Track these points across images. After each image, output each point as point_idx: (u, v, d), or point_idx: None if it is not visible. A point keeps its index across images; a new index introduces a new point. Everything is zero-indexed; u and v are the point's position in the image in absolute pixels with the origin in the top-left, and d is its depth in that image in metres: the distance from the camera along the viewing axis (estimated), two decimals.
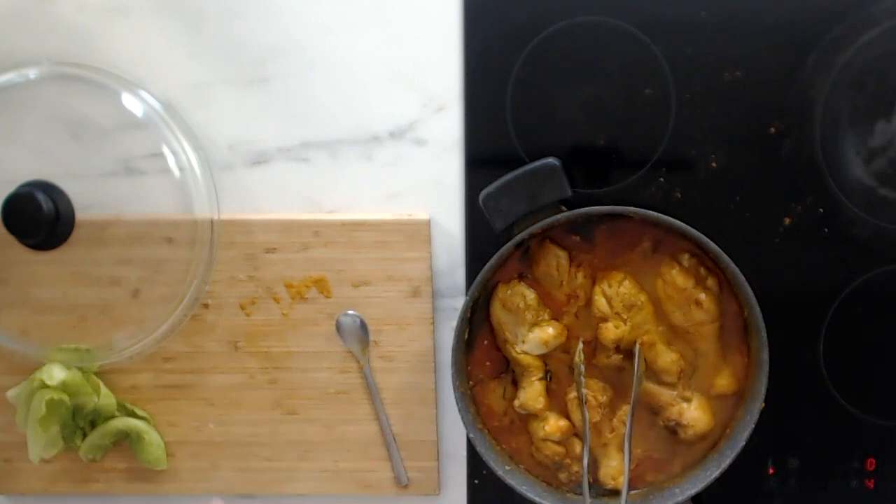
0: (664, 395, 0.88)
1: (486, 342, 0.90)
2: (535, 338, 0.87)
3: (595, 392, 0.88)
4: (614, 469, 0.89)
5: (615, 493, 0.89)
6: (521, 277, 0.88)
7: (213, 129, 0.91)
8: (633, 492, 0.89)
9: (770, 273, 0.89)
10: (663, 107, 0.88)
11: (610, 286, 0.86)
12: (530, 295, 0.87)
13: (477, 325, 0.89)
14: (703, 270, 0.86)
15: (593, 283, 0.87)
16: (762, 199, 0.89)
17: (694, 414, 0.87)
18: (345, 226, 0.91)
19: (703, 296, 0.85)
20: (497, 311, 0.88)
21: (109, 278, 0.89)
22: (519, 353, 0.87)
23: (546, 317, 0.87)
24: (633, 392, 0.86)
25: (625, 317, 0.86)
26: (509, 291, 0.87)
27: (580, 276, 0.87)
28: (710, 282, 0.86)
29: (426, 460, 0.94)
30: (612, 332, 0.86)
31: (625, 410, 0.88)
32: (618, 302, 0.85)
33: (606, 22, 0.87)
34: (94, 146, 0.88)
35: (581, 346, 0.87)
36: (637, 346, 0.86)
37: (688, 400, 0.87)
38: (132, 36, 0.89)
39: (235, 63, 0.90)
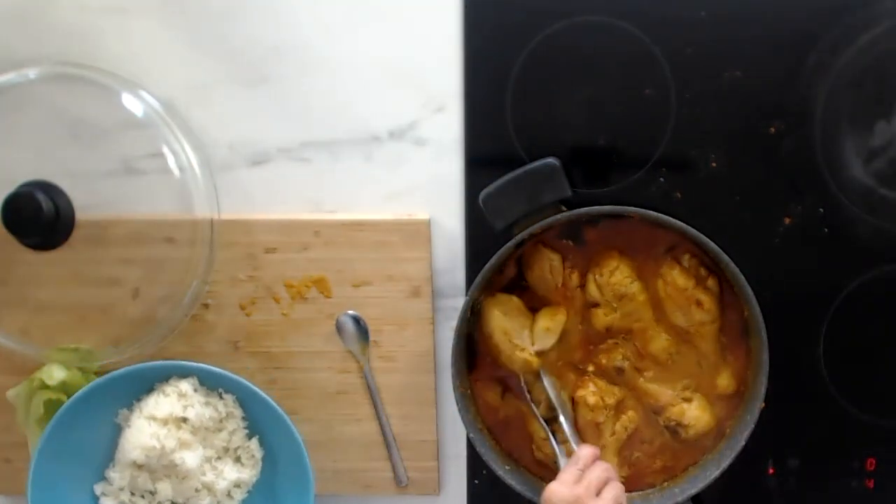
0: (665, 395, 0.88)
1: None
2: (540, 329, 0.87)
3: (603, 393, 0.88)
4: None
5: None
6: (512, 289, 0.88)
7: (213, 129, 0.91)
8: (633, 492, 0.89)
9: (770, 273, 0.89)
10: (663, 107, 0.88)
11: (601, 275, 0.86)
12: (517, 300, 0.88)
13: (477, 326, 0.89)
14: (703, 271, 0.86)
15: (586, 273, 0.87)
16: (762, 199, 0.89)
17: (694, 413, 0.87)
18: (345, 226, 0.91)
19: (703, 296, 0.85)
20: (497, 323, 0.87)
21: (109, 278, 0.89)
22: (531, 356, 0.87)
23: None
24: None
25: (615, 305, 0.86)
26: (502, 299, 0.87)
27: (574, 277, 0.87)
28: (711, 282, 0.86)
29: (426, 460, 0.94)
30: (601, 318, 0.86)
31: (628, 417, 0.88)
32: (608, 291, 0.85)
33: (606, 22, 0.87)
34: (94, 146, 0.88)
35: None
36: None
37: (688, 400, 0.87)
38: (132, 36, 0.89)
39: (235, 63, 0.90)
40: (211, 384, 0.90)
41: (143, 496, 0.90)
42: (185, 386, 0.88)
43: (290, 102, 0.90)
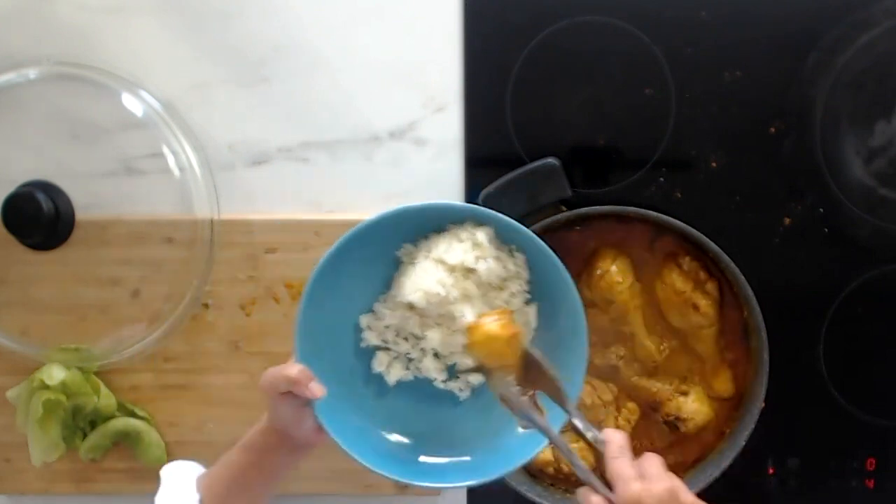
0: (662, 391, 0.88)
1: None
2: None
3: (599, 392, 0.88)
4: None
5: None
6: None
7: (213, 129, 0.91)
8: None
9: (770, 273, 0.89)
10: (663, 107, 0.88)
11: (591, 276, 0.87)
12: None
13: None
14: (702, 274, 0.86)
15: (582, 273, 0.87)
16: (762, 199, 0.89)
17: (693, 407, 0.87)
18: (345, 226, 0.89)
19: (701, 300, 0.85)
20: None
21: (109, 278, 0.89)
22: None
23: None
24: None
25: (604, 307, 0.87)
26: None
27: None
28: (710, 286, 0.86)
29: None
30: (592, 318, 0.86)
31: (629, 409, 0.88)
32: (597, 293, 0.87)
33: (606, 22, 0.87)
34: (94, 146, 0.88)
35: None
36: None
37: (685, 393, 0.87)
38: (132, 36, 0.89)
39: (235, 63, 0.90)
40: (504, 238, 0.80)
41: (406, 339, 0.83)
42: (482, 235, 0.78)
43: (290, 102, 0.90)
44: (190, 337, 0.92)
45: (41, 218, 0.84)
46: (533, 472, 0.90)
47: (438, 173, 0.91)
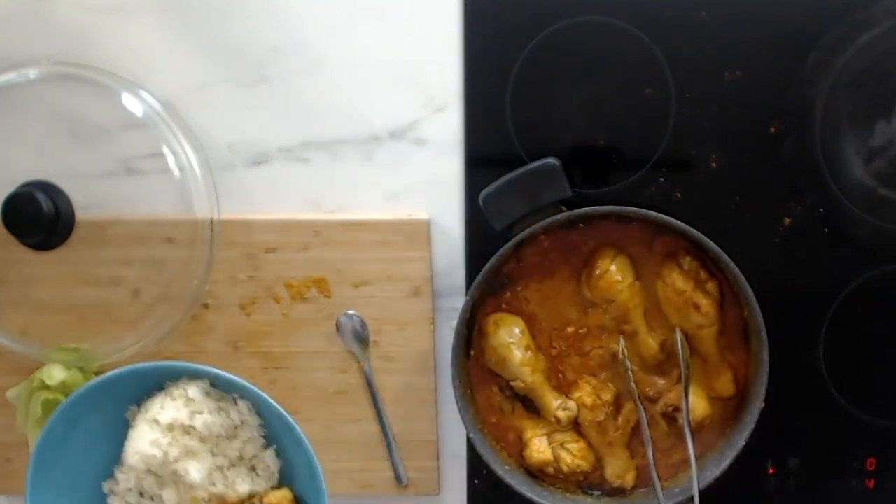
0: (659, 382, 0.88)
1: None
2: (573, 405, 0.88)
3: (599, 391, 0.88)
4: (620, 468, 0.89)
5: (621, 492, 0.89)
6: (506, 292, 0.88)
7: (213, 129, 0.91)
8: (636, 490, 0.89)
9: (770, 273, 0.89)
10: (663, 107, 0.88)
11: (590, 275, 0.86)
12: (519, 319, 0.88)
13: (477, 325, 0.89)
14: (703, 274, 0.86)
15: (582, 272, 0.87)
16: (762, 199, 0.89)
17: (691, 399, 0.86)
18: (345, 226, 0.91)
19: (702, 300, 0.85)
20: (503, 340, 0.87)
21: (109, 278, 0.89)
22: (560, 412, 0.88)
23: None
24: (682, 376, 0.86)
25: (604, 307, 0.87)
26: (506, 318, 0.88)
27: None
28: (710, 286, 0.86)
29: (426, 460, 0.94)
30: (592, 316, 0.87)
31: (629, 408, 0.88)
32: (597, 293, 0.86)
33: (606, 22, 0.87)
34: (94, 146, 0.88)
35: (623, 342, 0.87)
36: (678, 332, 0.86)
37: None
38: (132, 36, 0.89)
39: (235, 63, 0.90)
40: (225, 388, 0.85)
41: (151, 498, 0.86)
42: (194, 391, 0.82)
43: (290, 102, 0.90)
44: (190, 337, 0.93)
45: (41, 218, 0.84)
46: (533, 472, 0.90)
47: (438, 173, 0.91)
